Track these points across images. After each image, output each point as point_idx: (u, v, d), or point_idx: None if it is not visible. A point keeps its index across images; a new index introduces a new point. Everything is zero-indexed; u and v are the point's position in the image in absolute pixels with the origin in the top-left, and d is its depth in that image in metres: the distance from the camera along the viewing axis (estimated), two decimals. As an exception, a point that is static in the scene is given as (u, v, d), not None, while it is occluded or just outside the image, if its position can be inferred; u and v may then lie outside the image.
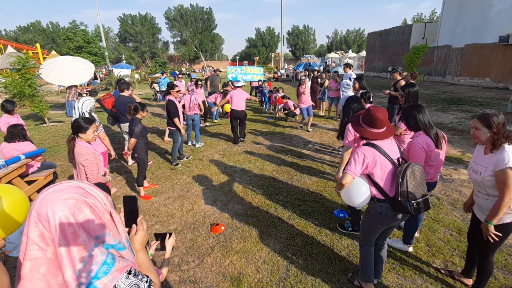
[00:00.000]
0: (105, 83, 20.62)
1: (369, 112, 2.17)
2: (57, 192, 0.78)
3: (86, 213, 0.78)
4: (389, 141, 2.20)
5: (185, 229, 3.54)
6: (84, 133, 2.85)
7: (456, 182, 4.53)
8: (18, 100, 9.07)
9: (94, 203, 0.82)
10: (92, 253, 0.76)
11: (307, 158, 5.86)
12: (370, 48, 28.25)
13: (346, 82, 6.24)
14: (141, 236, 1.05)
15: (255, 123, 9.19)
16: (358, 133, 2.27)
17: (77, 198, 0.79)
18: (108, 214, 0.85)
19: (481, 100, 11.31)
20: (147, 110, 4.59)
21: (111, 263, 0.78)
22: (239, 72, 12.70)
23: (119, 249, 0.84)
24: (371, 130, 2.18)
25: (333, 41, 63.99)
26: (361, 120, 2.28)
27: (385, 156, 2.11)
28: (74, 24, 27.74)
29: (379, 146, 2.12)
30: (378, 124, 2.14)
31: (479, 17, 15.72)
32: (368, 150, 2.11)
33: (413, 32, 21.49)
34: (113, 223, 0.86)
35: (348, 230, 3.32)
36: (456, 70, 17.53)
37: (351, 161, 2.15)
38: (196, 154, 6.32)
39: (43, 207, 0.75)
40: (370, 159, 2.09)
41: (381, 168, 2.11)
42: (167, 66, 38.28)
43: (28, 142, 4.36)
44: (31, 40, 47.04)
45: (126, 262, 0.83)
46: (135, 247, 1.00)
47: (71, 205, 0.77)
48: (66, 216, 0.75)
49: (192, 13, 57.08)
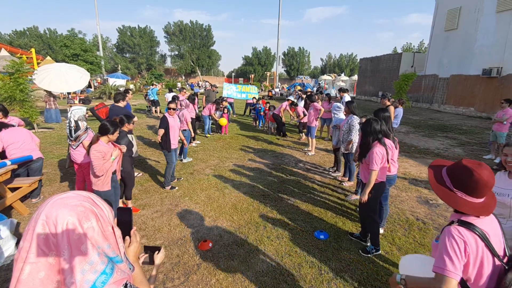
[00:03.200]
0: (99, 91, 20.54)
1: (468, 171, 1.35)
2: (68, 198, 0.80)
3: (92, 222, 0.79)
4: (489, 218, 1.40)
5: (172, 244, 3.47)
6: (110, 135, 3.37)
7: (441, 207, 4.63)
8: (8, 104, 8.92)
9: (101, 214, 0.84)
10: (93, 260, 0.76)
11: (298, 177, 5.90)
12: (362, 72, 29.28)
13: (337, 105, 6.44)
14: (134, 248, 1.06)
15: (247, 140, 9.26)
16: (444, 199, 1.42)
17: (86, 206, 0.80)
18: (110, 227, 0.86)
19: (466, 128, 11.76)
20: (133, 123, 4.60)
21: (110, 273, 0.79)
22: (234, 90, 12.94)
23: (117, 262, 0.84)
24: (471, 200, 1.37)
25: (327, 63, 66.09)
26: (450, 180, 1.43)
27: (489, 249, 1.30)
28: (72, 32, 27.92)
29: (481, 230, 1.32)
30: (483, 191, 1.35)
31: (463, 50, 16.66)
32: (469, 236, 1.30)
33: (402, 60, 22.49)
34: (114, 237, 0.87)
35: (373, 252, 3.32)
36: (442, 98, 18.29)
37: (446, 253, 1.31)
38: (187, 169, 6.28)
39: (53, 211, 0.76)
40: (473, 252, 1.30)
41: (481, 267, 1.31)
42: (163, 79, 38.54)
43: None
44: (26, 45, 46.82)
45: (123, 274, 0.84)
46: (129, 259, 1.01)
47: (80, 212, 0.78)
48: (73, 223, 0.76)
49: (191, 29, 58.30)
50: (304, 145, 8.57)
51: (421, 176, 6.05)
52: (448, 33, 17.92)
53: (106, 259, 0.80)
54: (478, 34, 15.71)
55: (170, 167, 5.13)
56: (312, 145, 7.68)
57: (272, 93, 26.01)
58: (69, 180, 5.46)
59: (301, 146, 8.45)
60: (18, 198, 4.10)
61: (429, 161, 7.10)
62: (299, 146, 8.47)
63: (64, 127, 10.42)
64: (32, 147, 4.53)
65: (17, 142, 4.35)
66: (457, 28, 17.19)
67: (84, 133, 4.26)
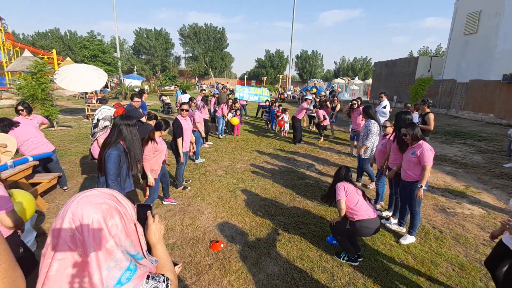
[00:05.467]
0: (115, 92, 21.07)
1: None
2: (93, 196, 0.82)
3: (116, 220, 0.81)
4: None
5: (184, 244, 3.50)
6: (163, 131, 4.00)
7: (459, 216, 4.48)
8: (30, 102, 9.29)
9: (124, 211, 0.85)
10: (118, 258, 0.78)
11: (310, 180, 5.85)
12: (376, 76, 28.82)
13: (382, 110, 6.39)
14: (154, 229, 1.03)
15: (259, 142, 9.27)
16: None
17: (110, 204, 0.82)
18: (133, 224, 0.88)
19: (485, 135, 11.36)
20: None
21: (134, 269, 0.81)
22: (247, 92, 13.00)
23: (138, 259, 0.86)
24: None
25: (340, 67, 65.42)
26: None
27: None
28: (91, 34, 28.82)
29: None
30: None
31: (483, 54, 16.15)
32: None
33: (419, 64, 22.00)
34: (136, 234, 0.88)
35: (345, 259, 3.25)
36: (460, 103, 17.75)
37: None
38: (199, 169, 6.34)
39: (79, 209, 0.78)
40: None
41: None
42: (177, 80, 39.19)
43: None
44: (48, 46, 48.70)
45: (145, 268, 0.85)
46: (150, 241, 1.01)
47: (105, 210, 0.80)
48: (98, 220, 0.78)
49: (205, 32, 59.10)
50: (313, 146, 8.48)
51: (437, 183, 5.88)
52: (467, 37, 17.42)
53: (129, 256, 0.82)
54: (498, 39, 15.20)
55: (180, 168, 5.09)
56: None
57: (284, 96, 26.00)
58: (87, 176, 5.62)
59: (313, 148, 8.37)
60: (39, 193, 4.25)
61: (446, 168, 6.90)
62: (311, 149, 8.39)
63: (82, 126, 10.74)
64: (43, 140, 4.68)
65: (30, 138, 4.50)
66: (477, 32, 16.69)
67: (100, 131, 4.41)
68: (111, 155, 2.78)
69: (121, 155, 2.84)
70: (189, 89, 26.29)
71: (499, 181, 6.15)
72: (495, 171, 6.81)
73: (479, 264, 3.26)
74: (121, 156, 2.84)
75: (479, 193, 5.47)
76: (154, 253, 1.02)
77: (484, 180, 6.19)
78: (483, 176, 6.41)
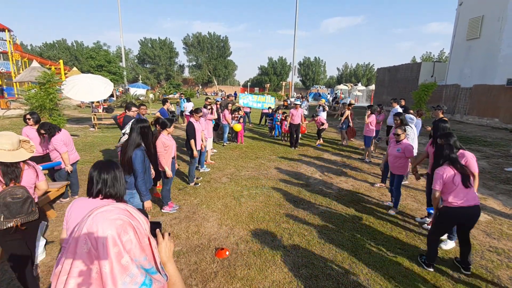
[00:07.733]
0: (121, 101, 21.38)
1: None
2: (107, 212, 0.84)
3: (130, 235, 0.82)
4: None
5: (190, 251, 3.54)
6: (169, 128, 4.43)
7: (465, 222, 4.45)
8: (38, 112, 9.49)
9: (137, 226, 0.86)
10: (133, 273, 0.79)
11: (314, 187, 5.87)
12: (379, 82, 28.85)
13: (410, 116, 6.42)
14: (164, 247, 1.03)
15: (263, 149, 9.32)
16: None
17: (124, 219, 0.84)
18: (147, 238, 0.89)
19: (490, 140, 11.27)
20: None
21: (149, 284, 0.82)
22: (251, 99, 13.12)
23: (152, 273, 0.87)
24: None
25: (343, 73, 65.62)
26: None
27: None
28: (98, 45, 29.47)
29: None
30: None
31: (487, 59, 16.12)
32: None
33: (422, 70, 22.00)
34: (150, 248, 0.89)
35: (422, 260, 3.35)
36: (464, 109, 17.66)
37: None
38: (204, 177, 6.40)
39: (94, 225, 0.80)
40: None
41: None
42: (181, 88, 39.64)
43: None
44: (55, 56, 49.78)
45: (159, 283, 0.87)
46: (161, 260, 1.00)
47: (119, 226, 0.81)
48: (113, 236, 0.79)
49: (209, 40, 59.96)
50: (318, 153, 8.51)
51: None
52: (470, 42, 17.44)
53: (144, 271, 0.83)
54: (502, 43, 15.17)
55: (193, 165, 5.86)
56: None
57: (287, 103, 26.13)
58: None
59: (317, 155, 8.40)
60: (47, 202, 4.33)
61: (451, 174, 6.86)
62: (316, 155, 8.42)
63: (88, 135, 10.92)
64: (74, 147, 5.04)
65: (71, 143, 4.83)
66: (480, 37, 16.70)
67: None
68: (137, 156, 3.05)
69: (144, 155, 3.12)
70: (193, 97, 26.54)
71: (505, 186, 6.10)
72: (501, 176, 6.76)
73: (485, 271, 3.24)
74: (144, 155, 3.12)
75: (484, 199, 5.43)
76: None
77: (489, 185, 6.15)
78: (488, 182, 6.36)
